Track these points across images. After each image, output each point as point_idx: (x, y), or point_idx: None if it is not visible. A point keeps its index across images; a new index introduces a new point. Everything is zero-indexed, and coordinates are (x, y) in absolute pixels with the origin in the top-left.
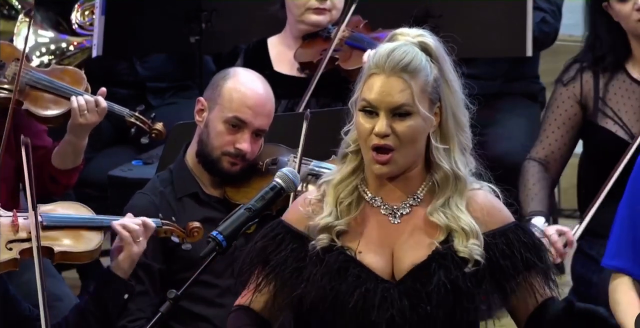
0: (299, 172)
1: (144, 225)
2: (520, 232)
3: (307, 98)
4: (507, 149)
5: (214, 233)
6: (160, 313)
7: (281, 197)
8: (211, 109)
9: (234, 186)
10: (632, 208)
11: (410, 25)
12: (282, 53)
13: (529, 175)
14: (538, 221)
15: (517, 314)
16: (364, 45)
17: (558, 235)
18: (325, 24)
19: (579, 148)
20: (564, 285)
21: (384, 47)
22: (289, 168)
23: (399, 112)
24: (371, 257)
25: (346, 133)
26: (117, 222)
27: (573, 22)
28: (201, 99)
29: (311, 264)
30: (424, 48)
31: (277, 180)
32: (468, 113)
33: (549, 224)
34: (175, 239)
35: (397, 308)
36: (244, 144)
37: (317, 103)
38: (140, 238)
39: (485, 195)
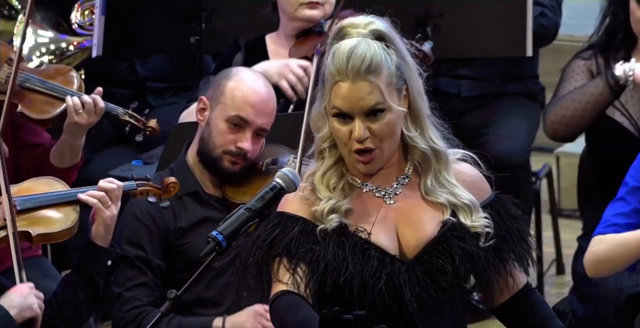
0: (299, 171)
1: (111, 191)
2: (506, 202)
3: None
4: (507, 148)
5: (214, 233)
6: (160, 314)
7: (281, 197)
8: (213, 107)
9: (233, 186)
10: (635, 192)
11: (411, 25)
12: (277, 53)
13: (560, 97)
14: (623, 65)
15: (500, 291)
16: None
17: None
18: (319, 18)
19: (579, 147)
20: (564, 285)
21: (341, 50)
22: (289, 168)
23: (373, 111)
24: (382, 238)
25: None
26: (83, 193)
27: (573, 23)
28: (203, 97)
29: (326, 246)
30: (378, 36)
31: (277, 180)
32: (420, 79)
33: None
34: (152, 199)
35: (422, 286)
36: (246, 143)
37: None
38: (110, 203)
39: (470, 167)
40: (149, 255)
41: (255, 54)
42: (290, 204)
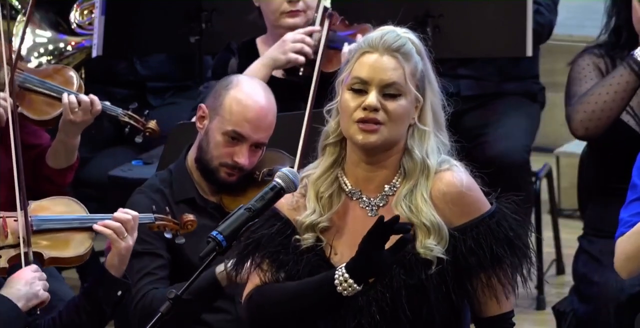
0: (298, 169)
1: (126, 222)
2: (494, 224)
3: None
4: (507, 148)
5: (214, 233)
6: (160, 314)
7: (281, 197)
8: (212, 118)
9: (230, 194)
10: None
11: (411, 25)
12: None
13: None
14: None
15: (475, 312)
16: (342, 45)
17: None
18: (301, 25)
19: (579, 147)
20: (564, 285)
21: (375, 32)
22: (289, 168)
23: (389, 92)
24: (346, 260)
25: (329, 111)
26: (98, 223)
27: (573, 22)
28: (202, 106)
29: (291, 256)
30: (412, 43)
31: (277, 180)
32: (444, 114)
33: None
34: (168, 235)
35: (366, 315)
36: (242, 157)
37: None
38: (126, 234)
39: (451, 178)
40: (155, 248)
41: (248, 58)
42: (281, 205)
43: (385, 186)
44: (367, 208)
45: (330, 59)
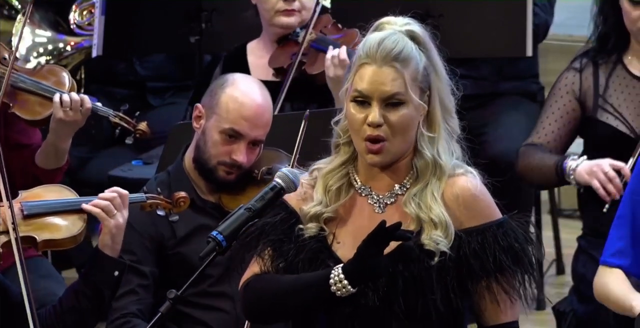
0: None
1: (113, 199)
2: (501, 233)
3: (279, 104)
4: (506, 148)
5: (214, 233)
6: (160, 314)
7: (281, 197)
8: (208, 117)
9: (229, 193)
10: (633, 206)
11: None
12: (260, 58)
13: (535, 149)
14: (573, 161)
15: (479, 322)
16: (327, 48)
17: (614, 171)
18: (296, 25)
19: (579, 147)
20: (564, 285)
21: (373, 37)
22: (289, 168)
23: (391, 102)
24: (348, 249)
25: (336, 123)
26: (88, 203)
27: (573, 22)
28: (199, 105)
29: (293, 245)
30: (412, 36)
31: (277, 180)
32: (454, 98)
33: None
34: (160, 213)
35: (362, 304)
36: (240, 155)
37: (292, 107)
38: (115, 212)
39: (465, 182)
40: (139, 261)
41: (235, 66)
42: (288, 194)
43: (396, 185)
44: (375, 204)
45: (314, 61)
